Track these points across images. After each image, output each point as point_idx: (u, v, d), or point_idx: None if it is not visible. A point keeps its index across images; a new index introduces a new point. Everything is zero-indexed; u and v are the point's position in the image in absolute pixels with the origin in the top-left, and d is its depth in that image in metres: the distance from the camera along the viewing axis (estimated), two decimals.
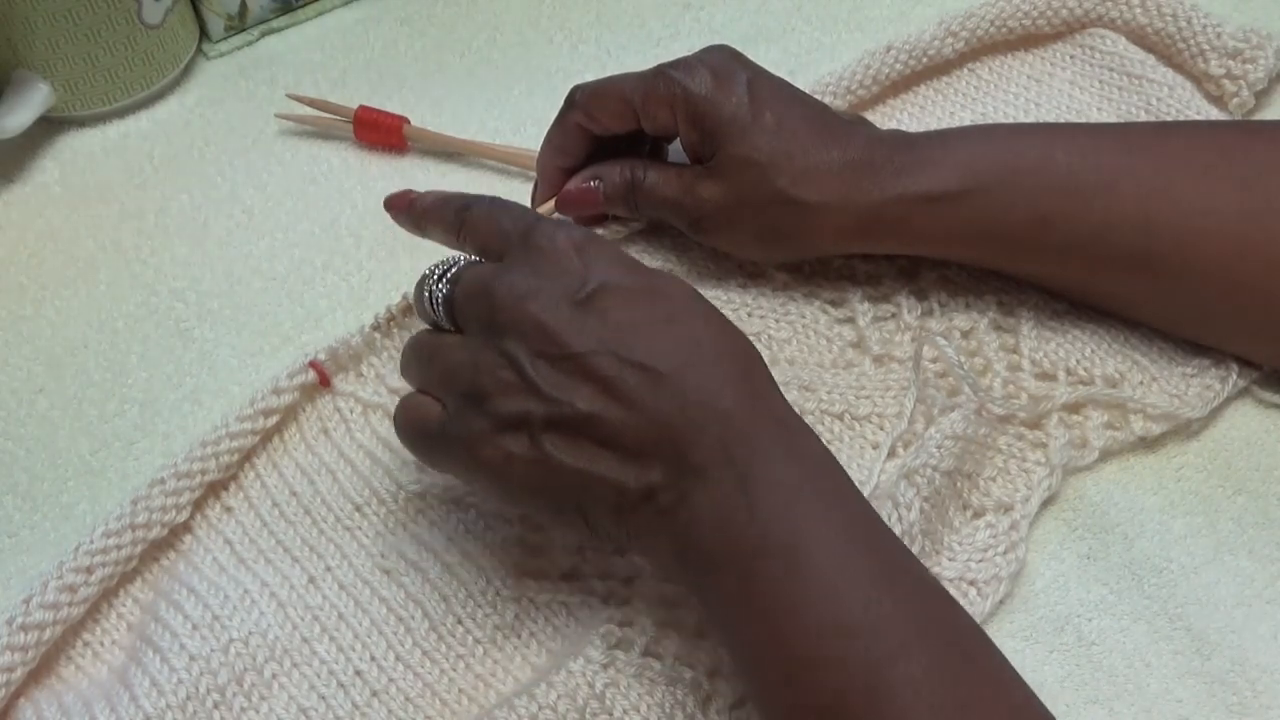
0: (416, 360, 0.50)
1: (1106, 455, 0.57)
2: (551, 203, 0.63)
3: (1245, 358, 0.58)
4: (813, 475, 0.45)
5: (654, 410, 0.45)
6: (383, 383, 0.59)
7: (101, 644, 0.53)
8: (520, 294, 0.46)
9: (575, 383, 0.45)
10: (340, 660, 0.52)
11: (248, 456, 0.57)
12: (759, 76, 0.59)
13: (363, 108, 0.70)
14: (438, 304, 0.49)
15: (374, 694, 0.51)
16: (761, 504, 0.44)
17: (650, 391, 0.45)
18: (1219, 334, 0.58)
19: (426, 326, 0.52)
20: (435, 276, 0.50)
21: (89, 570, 0.52)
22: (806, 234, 0.58)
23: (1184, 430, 0.57)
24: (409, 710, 0.51)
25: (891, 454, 0.56)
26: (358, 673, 0.52)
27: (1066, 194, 0.55)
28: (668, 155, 0.64)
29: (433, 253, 0.65)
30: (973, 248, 0.58)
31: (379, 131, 0.70)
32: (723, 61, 0.59)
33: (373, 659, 0.52)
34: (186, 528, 0.55)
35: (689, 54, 0.59)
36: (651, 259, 0.63)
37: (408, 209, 0.54)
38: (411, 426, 0.50)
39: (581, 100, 0.60)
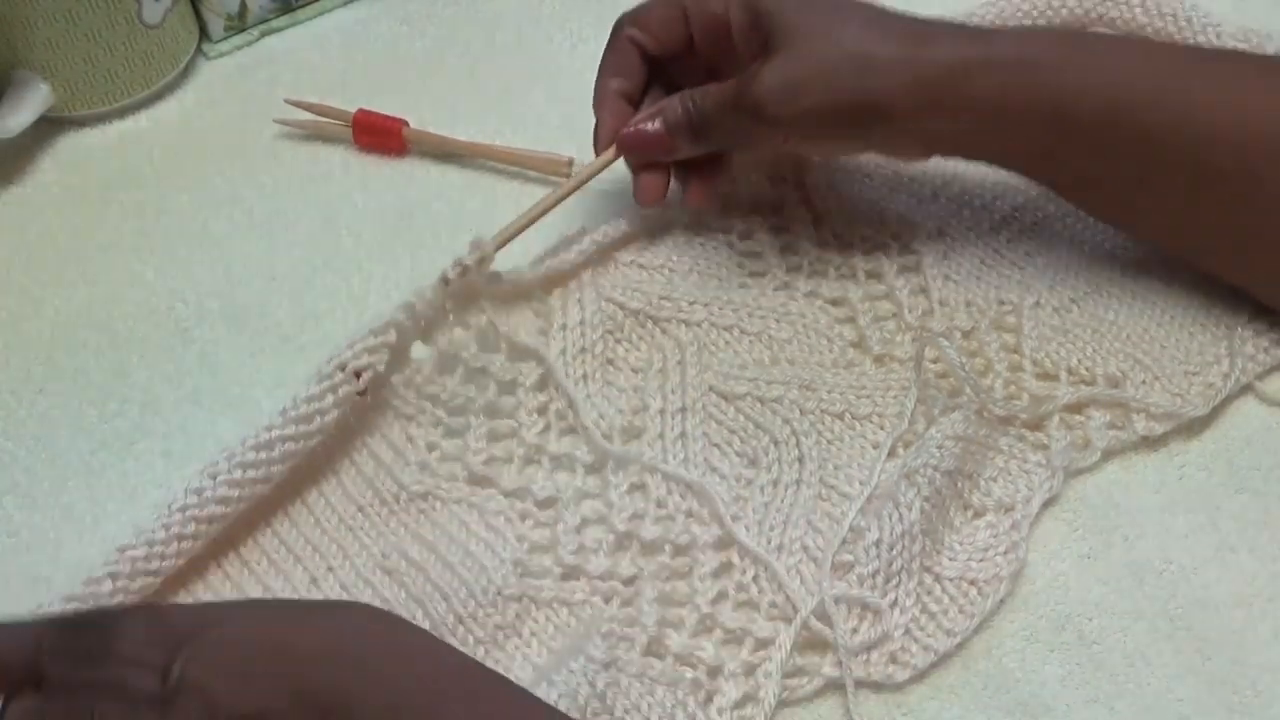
0: None
1: (1108, 455, 0.57)
2: (608, 153, 0.61)
3: (1268, 302, 0.58)
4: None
5: None
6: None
7: None
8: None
9: None
10: None
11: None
12: None
13: (361, 111, 0.70)
14: None
15: None
16: None
17: None
18: (1265, 271, 0.57)
19: None
20: None
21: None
22: (876, 101, 0.55)
23: (1185, 429, 0.57)
24: None
25: (892, 454, 0.56)
26: None
27: (1138, 87, 0.54)
28: None
29: (435, 253, 0.65)
30: (1039, 132, 0.55)
31: (378, 135, 0.70)
32: None
33: None
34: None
35: None
36: (654, 255, 0.63)
37: None
38: None
39: (629, 17, 0.60)
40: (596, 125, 0.61)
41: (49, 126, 0.72)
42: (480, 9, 0.78)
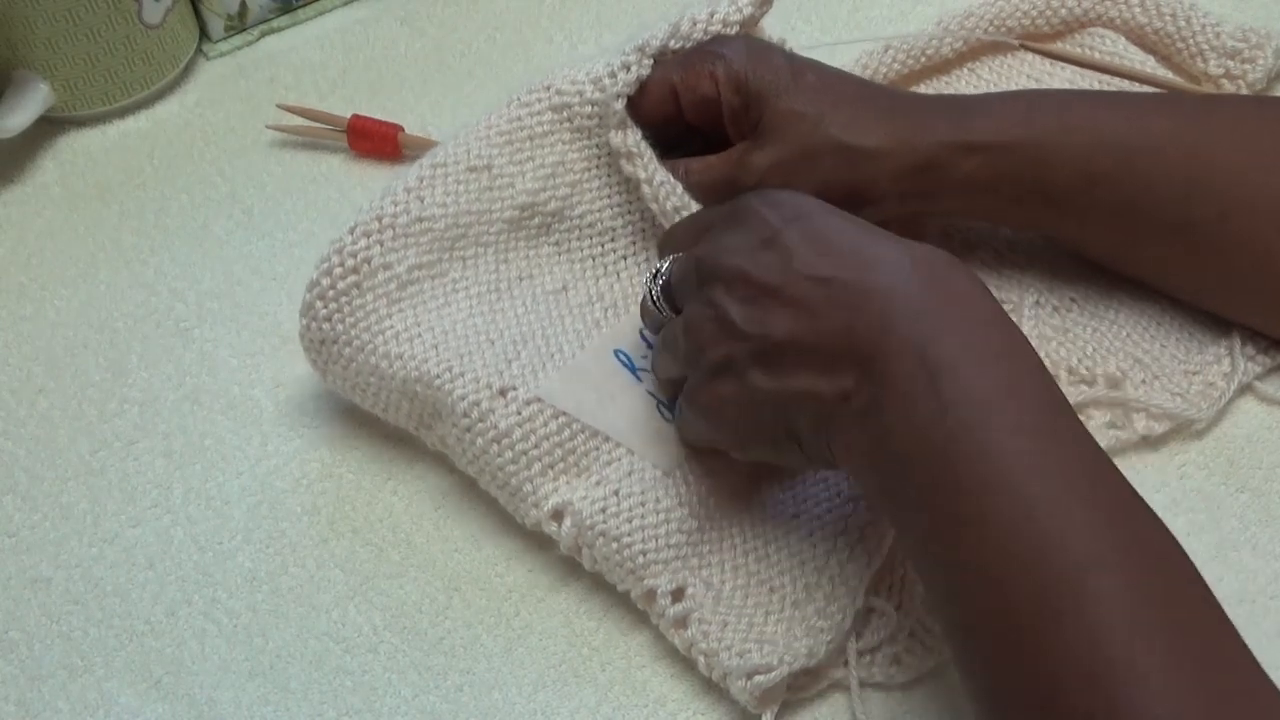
0: (662, 351, 0.53)
1: (1109, 454, 0.56)
2: None
3: (1268, 333, 0.58)
4: (1009, 378, 0.44)
5: (840, 318, 0.45)
6: None
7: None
8: (718, 251, 0.49)
9: (770, 314, 0.47)
10: None
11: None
12: (792, 52, 0.59)
13: (356, 117, 0.70)
14: (658, 300, 0.52)
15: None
16: (953, 405, 0.43)
17: (836, 301, 0.46)
18: (1247, 307, 0.58)
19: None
20: (651, 279, 0.52)
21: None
22: (864, 187, 0.57)
23: (1186, 428, 0.57)
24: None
25: None
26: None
27: (1113, 155, 0.56)
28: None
29: None
30: (1020, 203, 0.58)
31: (373, 141, 0.69)
32: (755, 39, 0.59)
33: None
34: None
35: None
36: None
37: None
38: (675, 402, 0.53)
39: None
40: None
41: (49, 126, 0.72)
42: (480, 9, 0.78)
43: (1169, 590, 0.41)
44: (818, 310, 0.46)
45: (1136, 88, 0.68)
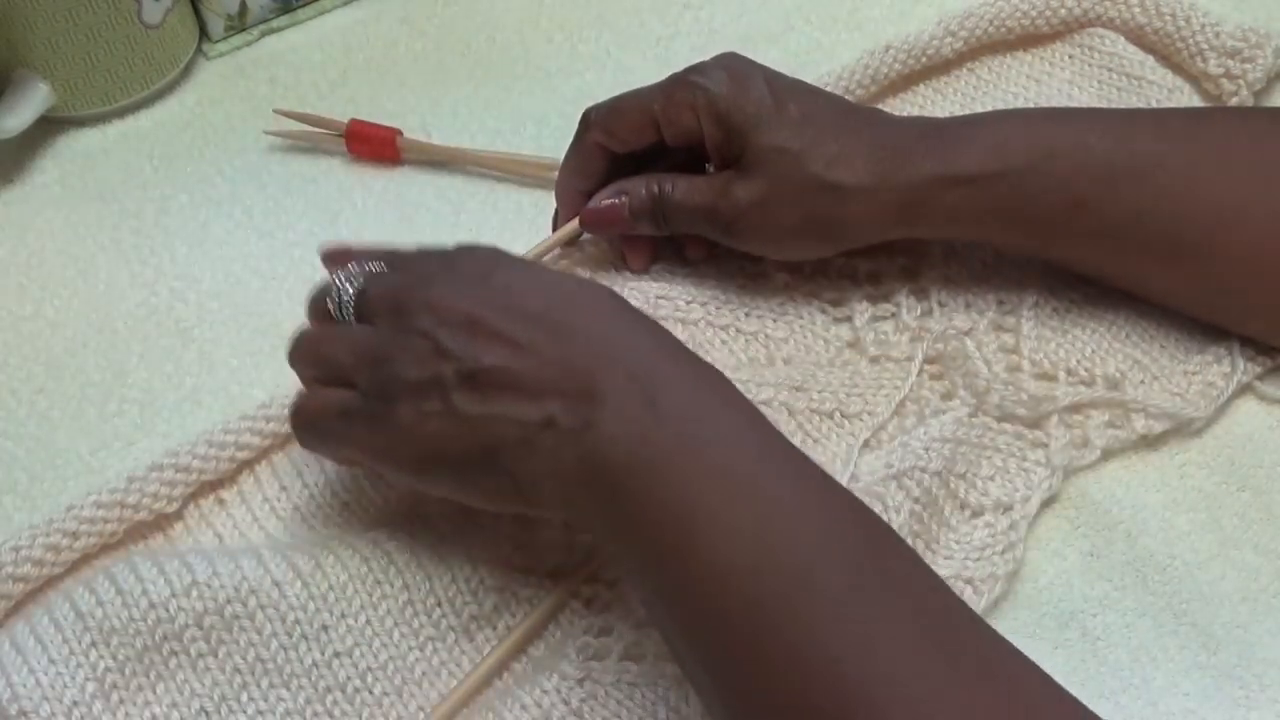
0: (318, 348, 0.51)
1: (1108, 454, 0.57)
2: (573, 223, 0.61)
3: (1268, 341, 0.58)
4: (720, 394, 0.46)
5: (553, 353, 0.46)
6: None
7: None
8: (427, 281, 0.49)
9: (479, 341, 0.47)
10: (310, 608, 0.51)
11: (248, 462, 0.57)
12: (775, 75, 0.59)
13: (354, 121, 0.70)
14: (347, 300, 0.51)
15: (336, 655, 0.51)
16: (670, 412, 0.44)
17: (549, 338, 0.46)
18: (1244, 320, 0.58)
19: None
20: (344, 280, 0.51)
21: (74, 535, 0.53)
22: (845, 221, 0.57)
23: (1186, 428, 0.57)
24: (367, 680, 0.51)
25: (876, 445, 0.56)
26: (324, 628, 0.51)
27: (1100, 181, 0.56)
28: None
29: None
30: (1006, 230, 0.58)
31: (372, 145, 0.69)
32: (737, 64, 0.59)
33: (343, 616, 0.51)
34: (179, 514, 0.55)
35: (698, 61, 0.59)
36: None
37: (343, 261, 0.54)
38: (321, 413, 0.50)
39: (598, 119, 0.60)
40: (555, 216, 0.63)
41: (49, 126, 0.72)
42: (480, 9, 0.78)
43: (884, 576, 0.43)
44: (529, 344, 0.46)
45: (1135, 84, 0.68)
